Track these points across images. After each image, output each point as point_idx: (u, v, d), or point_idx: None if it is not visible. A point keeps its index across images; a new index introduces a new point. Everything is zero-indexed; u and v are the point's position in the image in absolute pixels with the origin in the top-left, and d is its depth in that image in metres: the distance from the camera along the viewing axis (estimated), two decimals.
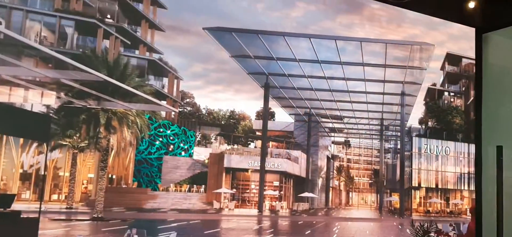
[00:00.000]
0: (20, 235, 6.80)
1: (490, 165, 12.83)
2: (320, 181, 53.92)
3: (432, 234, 11.90)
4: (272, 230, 16.33)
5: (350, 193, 76.02)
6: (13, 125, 7.79)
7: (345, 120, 47.78)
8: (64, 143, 23.85)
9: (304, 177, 44.73)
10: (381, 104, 38.73)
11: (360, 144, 71.90)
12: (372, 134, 57.21)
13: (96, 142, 18.86)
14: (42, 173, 24.93)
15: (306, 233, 15.34)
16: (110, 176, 22.07)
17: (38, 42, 27.84)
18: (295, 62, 28.34)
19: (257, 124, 55.66)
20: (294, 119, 51.36)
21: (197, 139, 37.48)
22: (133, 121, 19.64)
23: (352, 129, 53.90)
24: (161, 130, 33.67)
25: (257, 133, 54.24)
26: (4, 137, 22.84)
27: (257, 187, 33.18)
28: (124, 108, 16.86)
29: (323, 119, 49.90)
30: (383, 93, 34.34)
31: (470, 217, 11.97)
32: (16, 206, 7.93)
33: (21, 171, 26.43)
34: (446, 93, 39.71)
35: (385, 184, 51.26)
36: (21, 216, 8.03)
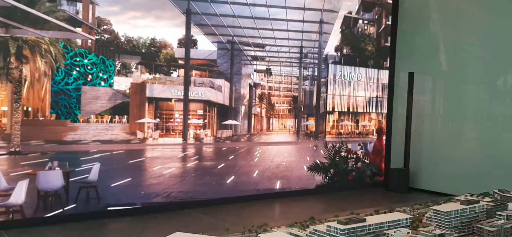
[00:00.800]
0: None
1: (401, 89, 13.75)
2: (243, 109, 54.54)
3: (342, 153, 12.73)
4: (197, 156, 16.52)
5: (271, 119, 78.02)
6: None
7: (267, 48, 48.09)
8: None
9: (227, 105, 44.78)
10: (300, 32, 39.29)
11: (280, 72, 73.20)
12: (292, 62, 58.36)
13: (7, 73, 17.48)
14: None
15: (230, 158, 15.68)
16: (25, 108, 20.66)
17: None
18: None
19: (179, 52, 54.16)
20: (217, 47, 50.57)
21: (117, 68, 35.91)
22: (46, 49, 18.33)
23: (274, 57, 54.53)
24: (78, 59, 31.60)
25: (180, 61, 53.02)
26: None
27: (181, 116, 32.85)
28: (36, 36, 15.64)
29: (246, 47, 49.72)
30: (303, 21, 34.76)
31: (375, 137, 12.88)
32: None
33: None
34: (360, 21, 41.00)
35: (302, 109, 53.28)
36: None
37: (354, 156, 12.39)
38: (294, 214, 8.92)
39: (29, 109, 17.00)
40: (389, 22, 13.09)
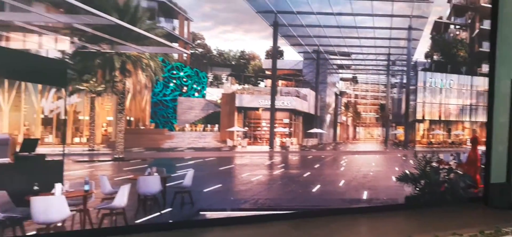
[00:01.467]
0: (46, 177, 6.95)
1: (502, 97, 12.67)
2: (328, 117, 53.94)
3: (434, 163, 11.96)
4: (283, 164, 16.57)
5: (357, 127, 76.21)
6: (31, 71, 7.79)
7: (353, 56, 47.03)
8: (82, 87, 23.91)
9: (313, 114, 44.50)
10: (388, 39, 37.92)
11: (367, 80, 71.39)
12: (379, 70, 56.56)
13: (112, 86, 18.88)
14: (63, 117, 25.10)
15: (315, 166, 15.53)
16: (128, 118, 22.17)
17: None
18: None
19: (266, 63, 54.89)
20: (303, 57, 50.39)
21: (209, 80, 37.32)
22: (147, 64, 19.55)
23: (360, 65, 53.24)
24: (174, 72, 33.33)
25: (267, 72, 53.79)
26: (23, 84, 22.93)
27: (268, 125, 33.24)
28: (138, 51, 16.75)
29: (331, 56, 49.06)
30: (391, 28, 33.52)
31: (470, 147, 12.01)
32: (40, 149, 8.05)
33: (42, 116, 26.66)
34: (452, 26, 38.76)
35: (390, 118, 51.31)
36: (46, 159, 8.17)
37: (446, 166, 11.66)
38: (388, 231, 8.49)
39: (131, 118, 18.22)
40: (484, 27, 12.22)
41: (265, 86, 17.37)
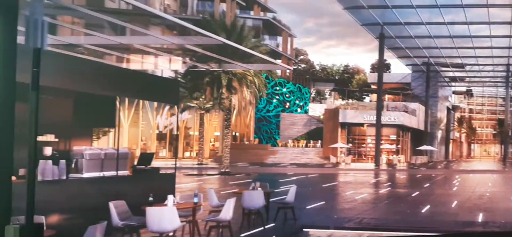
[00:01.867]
0: (160, 189, 7.46)
1: None
2: (439, 134, 50.76)
3: None
4: (389, 183, 15.93)
5: (472, 144, 70.94)
6: (148, 90, 8.46)
7: (467, 67, 43.72)
8: (192, 104, 25.46)
9: (422, 130, 42.36)
10: (507, 48, 34.83)
11: (483, 93, 66.03)
12: (497, 82, 51.97)
13: (219, 103, 19.85)
14: (175, 133, 26.96)
15: (425, 186, 14.70)
16: (233, 133, 23.11)
17: (162, 11, 29.64)
18: (412, 9, 26.30)
19: (372, 77, 53.33)
20: (411, 70, 48.10)
21: (312, 95, 37.39)
22: (251, 81, 20.25)
23: (475, 77, 49.41)
24: (278, 88, 34.20)
25: (372, 86, 52.29)
26: (141, 101, 25.04)
27: (374, 141, 32.10)
28: (243, 68, 17.38)
29: (443, 68, 46.09)
30: (510, 36, 30.74)
31: None
32: (155, 163, 8.68)
33: (157, 132, 28.87)
34: None
35: (510, 134, 46.93)
36: (160, 172, 8.79)
37: None
38: None
39: (237, 134, 18.79)
40: None
41: (370, 100, 16.98)
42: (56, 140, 7.14)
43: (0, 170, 2.57)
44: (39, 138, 6.41)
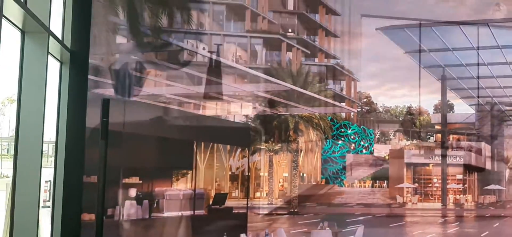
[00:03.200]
0: (233, 227, 7.36)
1: None
2: (507, 173, 46.83)
3: None
4: (457, 223, 14.80)
5: None
6: (222, 134, 8.52)
7: None
8: (262, 147, 25.55)
9: (489, 169, 39.34)
10: None
11: None
12: None
13: (287, 145, 19.74)
14: (246, 174, 27.03)
15: (494, 225, 13.45)
16: (301, 174, 22.80)
17: (235, 61, 30.45)
18: (473, 51, 25.03)
19: (435, 118, 51.06)
20: (475, 110, 45.45)
21: (376, 136, 36.20)
22: (317, 123, 20.00)
23: None
24: (342, 130, 33.46)
25: (436, 126, 49.88)
26: (215, 145, 25.46)
27: (440, 181, 30.38)
28: (309, 112, 17.25)
29: (507, 107, 43.11)
30: None
31: None
32: (228, 203, 8.63)
33: (230, 173, 29.11)
34: None
35: None
36: (233, 211, 8.72)
37: None
38: None
39: (305, 174, 18.52)
40: None
41: (435, 141, 16.06)
42: (140, 182, 7.30)
43: (70, 209, 2.55)
44: (125, 180, 6.58)
